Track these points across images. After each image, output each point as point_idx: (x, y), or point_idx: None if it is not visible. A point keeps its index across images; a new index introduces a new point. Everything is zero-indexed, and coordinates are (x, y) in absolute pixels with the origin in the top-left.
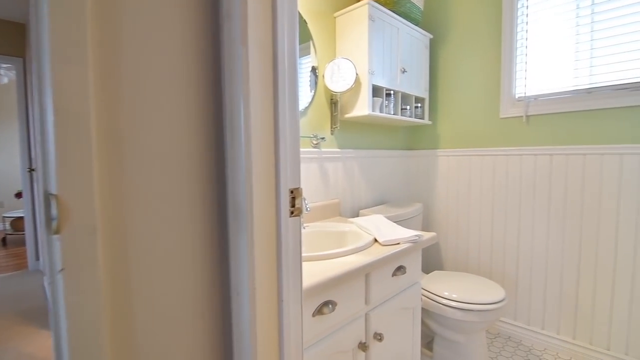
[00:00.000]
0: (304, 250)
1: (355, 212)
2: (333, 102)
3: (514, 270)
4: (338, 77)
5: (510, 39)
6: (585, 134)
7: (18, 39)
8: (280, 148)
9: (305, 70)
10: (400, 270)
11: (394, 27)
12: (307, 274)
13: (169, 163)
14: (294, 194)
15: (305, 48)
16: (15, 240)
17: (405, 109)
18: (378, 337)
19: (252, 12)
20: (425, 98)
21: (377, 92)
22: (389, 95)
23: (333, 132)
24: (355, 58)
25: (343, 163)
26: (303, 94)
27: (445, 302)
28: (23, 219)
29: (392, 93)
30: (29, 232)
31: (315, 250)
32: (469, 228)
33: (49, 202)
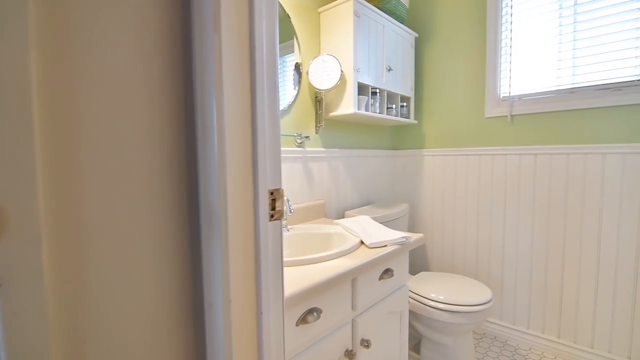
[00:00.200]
0: (288, 254)
1: (341, 213)
2: (318, 100)
3: (500, 270)
4: (323, 74)
5: (495, 39)
6: (569, 134)
7: None
8: (259, 146)
9: (289, 68)
10: (388, 274)
11: (380, 24)
12: (290, 281)
13: (132, 163)
14: (275, 196)
15: (289, 46)
16: None
17: (391, 108)
18: (365, 343)
19: None
20: (411, 97)
21: (362, 90)
22: (375, 94)
23: (318, 131)
24: (341, 55)
25: (328, 163)
26: (286, 91)
27: (432, 304)
28: None
29: (377, 91)
30: None
31: (300, 254)
32: (455, 228)
33: None
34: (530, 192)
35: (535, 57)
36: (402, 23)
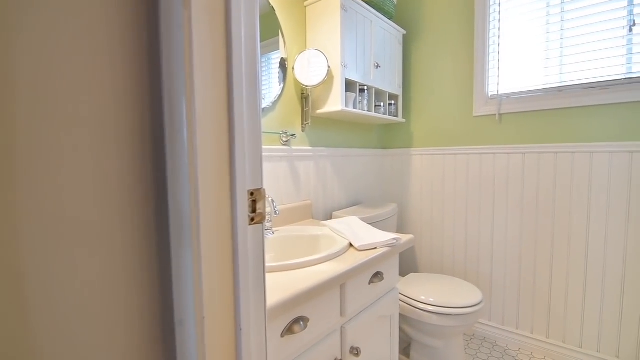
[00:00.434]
0: (273, 259)
1: (329, 214)
2: (304, 96)
3: (488, 270)
4: (309, 69)
5: (483, 37)
6: (557, 133)
7: None
8: (236, 141)
9: (274, 64)
10: (378, 277)
11: (367, 19)
12: (275, 288)
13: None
14: (255, 197)
15: (274, 43)
16: None
17: (379, 106)
18: (355, 351)
19: None
20: (399, 95)
21: (350, 87)
22: (363, 91)
23: (304, 128)
24: (327, 50)
25: (315, 162)
26: (271, 88)
27: (422, 306)
28: None
29: (365, 89)
30: None
31: (285, 258)
32: (444, 228)
33: None
34: (519, 191)
35: (523, 55)
36: (390, 19)
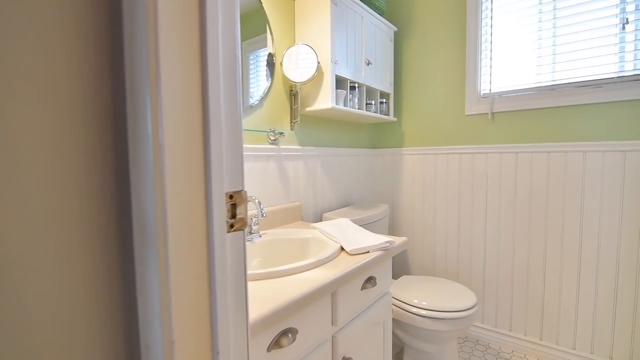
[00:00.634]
0: (259, 264)
1: (319, 215)
2: (293, 93)
3: (481, 272)
4: (298, 65)
5: (475, 34)
6: (550, 132)
7: None
8: (212, 138)
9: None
10: (370, 282)
11: (358, 14)
12: (260, 298)
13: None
14: (235, 200)
15: (262, 40)
16: None
17: (370, 104)
18: None
19: None
20: (390, 93)
21: (340, 84)
22: (354, 89)
23: (293, 127)
24: (317, 45)
25: (304, 162)
26: (259, 84)
27: (415, 310)
28: None
29: (356, 86)
30: None
31: (273, 264)
32: (436, 229)
33: None
34: (512, 191)
35: (516, 53)
36: (381, 15)
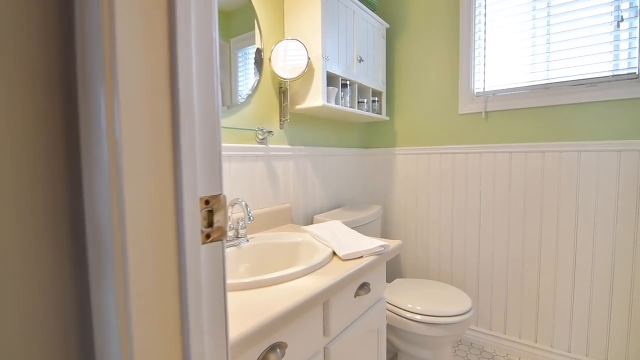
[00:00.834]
0: (247, 270)
1: (309, 217)
2: (282, 90)
3: (475, 274)
4: (287, 61)
5: (468, 32)
6: (544, 131)
7: None
8: (183, 133)
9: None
10: (364, 289)
11: (350, 9)
12: (246, 311)
13: None
14: (212, 206)
15: (251, 37)
16: None
17: (362, 103)
18: None
19: None
20: (383, 92)
21: (331, 81)
22: (345, 86)
23: (282, 125)
24: (307, 41)
25: (294, 162)
26: (247, 81)
27: (409, 315)
28: None
29: (348, 83)
30: None
31: (261, 270)
32: (429, 230)
33: None
34: (506, 191)
35: (510, 51)
36: (373, 11)
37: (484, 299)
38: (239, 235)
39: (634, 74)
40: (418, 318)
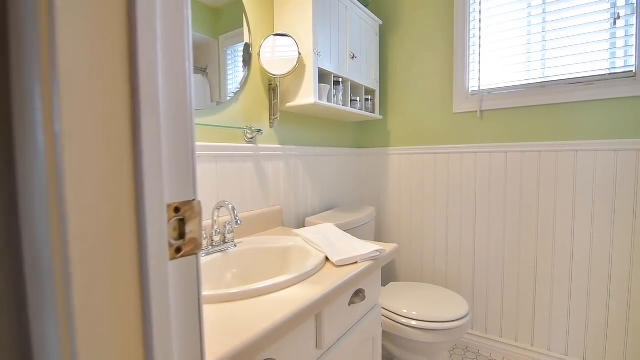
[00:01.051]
0: (234, 277)
1: (301, 220)
2: (272, 87)
3: (471, 276)
4: (277, 56)
5: (463, 29)
6: (540, 130)
7: None
8: (145, 126)
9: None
10: (359, 297)
11: (342, 3)
12: (231, 326)
13: None
14: (183, 214)
15: (240, 34)
16: None
17: (355, 101)
18: None
19: None
20: (376, 90)
21: (323, 78)
22: (338, 84)
23: (272, 124)
24: (298, 35)
25: (285, 162)
26: (235, 77)
27: (405, 321)
28: None
29: (340, 81)
30: None
31: (249, 278)
32: (423, 232)
33: None
34: (502, 191)
35: (505, 49)
36: (366, 7)
37: (480, 302)
38: (226, 240)
39: (631, 72)
40: (414, 324)
